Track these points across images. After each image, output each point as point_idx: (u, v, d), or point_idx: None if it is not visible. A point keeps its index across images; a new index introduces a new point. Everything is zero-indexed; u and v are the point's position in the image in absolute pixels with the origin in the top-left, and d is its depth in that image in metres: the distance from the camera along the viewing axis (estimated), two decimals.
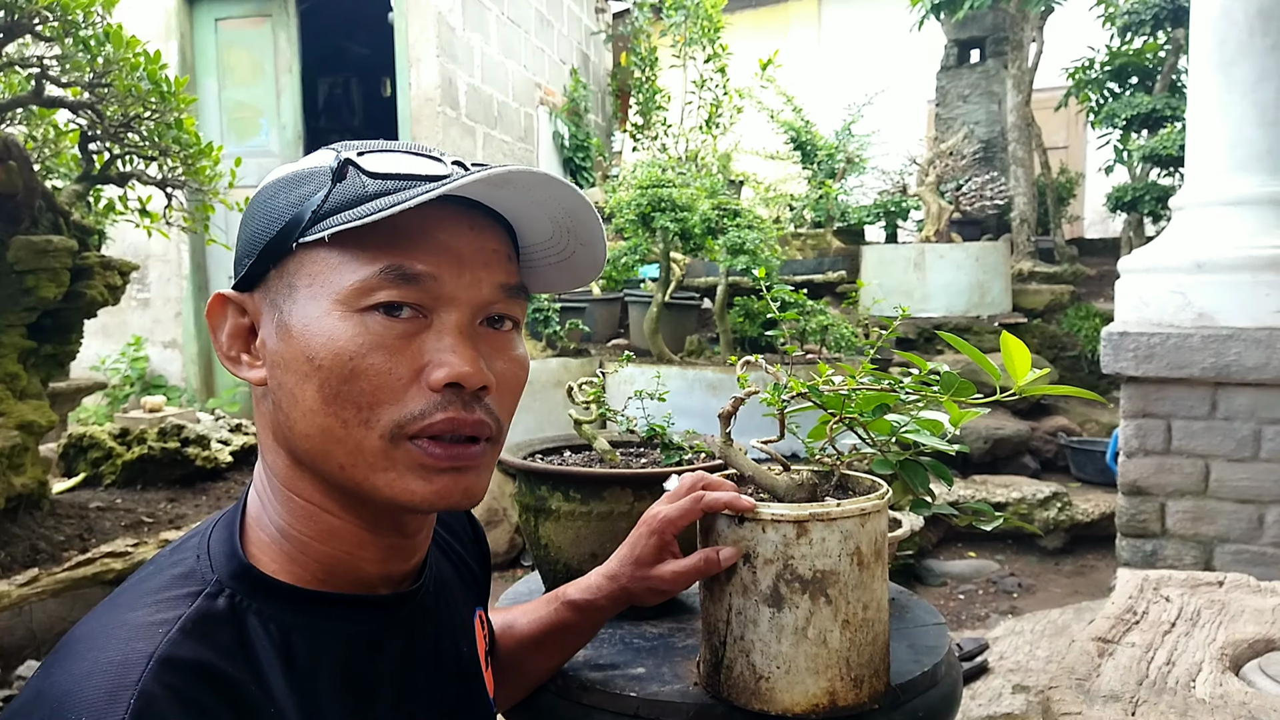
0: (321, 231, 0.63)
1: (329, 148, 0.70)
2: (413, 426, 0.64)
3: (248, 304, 0.69)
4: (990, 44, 7.30)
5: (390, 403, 0.64)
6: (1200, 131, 3.02)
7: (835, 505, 0.85)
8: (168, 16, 5.62)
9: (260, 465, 0.72)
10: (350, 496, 0.68)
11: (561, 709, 0.96)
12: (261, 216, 0.67)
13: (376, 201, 0.63)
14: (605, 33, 8.81)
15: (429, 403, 0.65)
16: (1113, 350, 2.90)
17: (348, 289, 0.64)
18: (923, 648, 1.02)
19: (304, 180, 0.67)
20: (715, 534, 0.89)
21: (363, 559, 0.70)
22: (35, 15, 2.46)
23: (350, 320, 0.64)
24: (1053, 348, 5.62)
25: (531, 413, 4.19)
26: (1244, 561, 2.75)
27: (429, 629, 0.77)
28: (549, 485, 1.16)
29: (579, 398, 1.29)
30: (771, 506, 0.86)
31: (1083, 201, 9.13)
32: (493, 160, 6.31)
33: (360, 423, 0.64)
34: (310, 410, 0.64)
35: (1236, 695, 1.20)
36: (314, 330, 0.64)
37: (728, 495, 0.86)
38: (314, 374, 0.64)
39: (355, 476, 0.65)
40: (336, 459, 0.65)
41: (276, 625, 0.64)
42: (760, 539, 0.85)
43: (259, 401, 0.70)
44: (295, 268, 0.66)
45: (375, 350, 0.64)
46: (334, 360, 0.63)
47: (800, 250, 6.31)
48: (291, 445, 0.67)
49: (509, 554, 4.12)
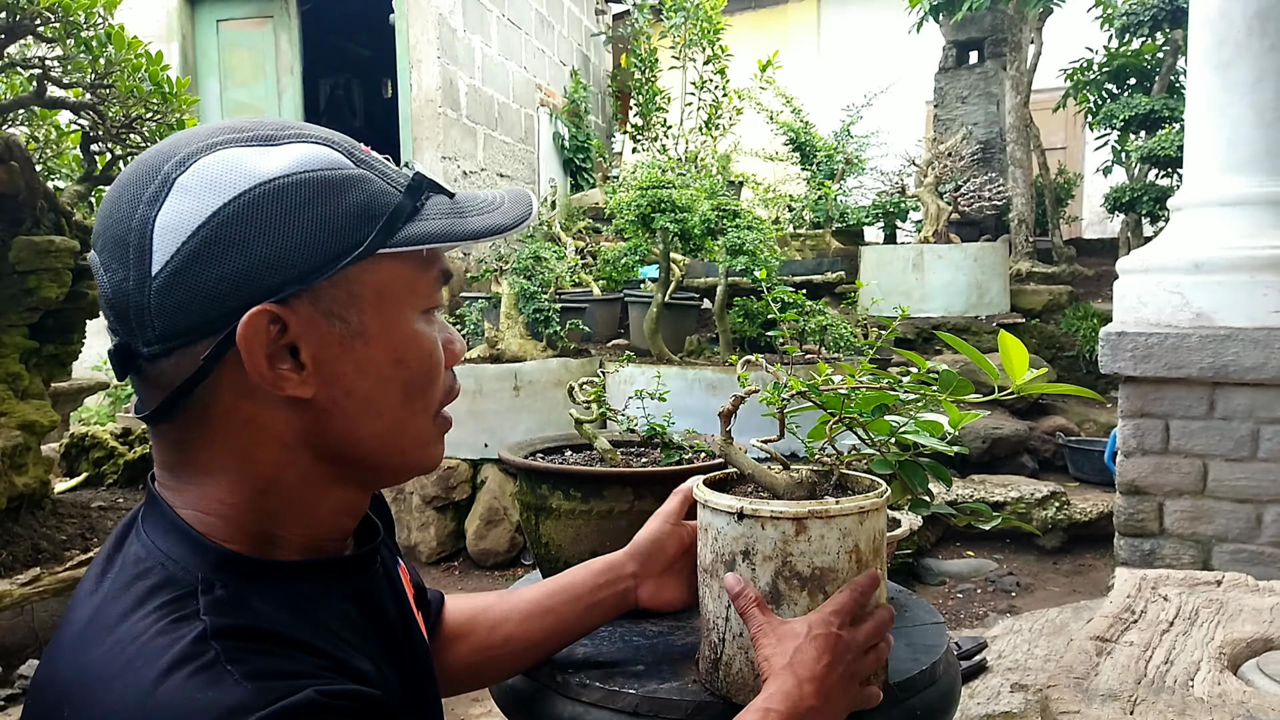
0: (430, 243, 0.66)
1: (318, 143, 0.66)
2: (446, 400, 0.74)
3: (290, 318, 0.63)
4: (989, 45, 7.31)
5: (439, 386, 0.72)
6: (1198, 132, 3.03)
7: (834, 503, 0.86)
8: (169, 18, 5.63)
9: (211, 489, 0.66)
10: (370, 478, 0.72)
11: (561, 706, 0.96)
12: (305, 226, 0.62)
13: (483, 218, 0.70)
14: (605, 34, 8.82)
15: (448, 378, 0.74)
16: (1111, 350, 2.91)
17: (420, 294, 0.69)
18: (921, 646, 1.02)
19: (347, 186, 0.65)
20: (714, 531, 0.90)
21: (338, 530, 0.73)
22: (37, 16, 2.47)
23: (424, 323, 0.70)
24: (1051, 348, 5.63)
25: (532, 413, 4.20)
26: (1242, 561, 2.76)
27: (384, 578, 0.79)
28: (549, 484, 1.16)
29: (580, 398, 1.29)
30: (770, 503, 0.87)
31: (1081, 202, 9.14)
32: (493, 160, 6.32)
33: (424, 410, 0.71)
34: (390, 408, 0.68)
35: (1234, 694, 1.21)
36: (399, 336, 0.68)
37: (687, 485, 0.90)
38: (398, 375, 0.68)
39: (411, 459, 0.72)
40: (401, 446, 0.70)
41: (279, 592, 0.64)
42: (759, 536, 0.86)
43: (261, 418, 0.65)
44: (359, 276, 0.65)
45: (437, 345, 0.71)
46: (421, 361, 0.69)
47: (799, 251, 6.32)
48: (341, 447, 0.68)
49: (509, 553, 4.13)
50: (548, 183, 7.15)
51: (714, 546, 0.90)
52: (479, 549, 4.13)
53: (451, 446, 4.25)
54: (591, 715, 0.94)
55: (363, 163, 0.67)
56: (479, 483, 4.28)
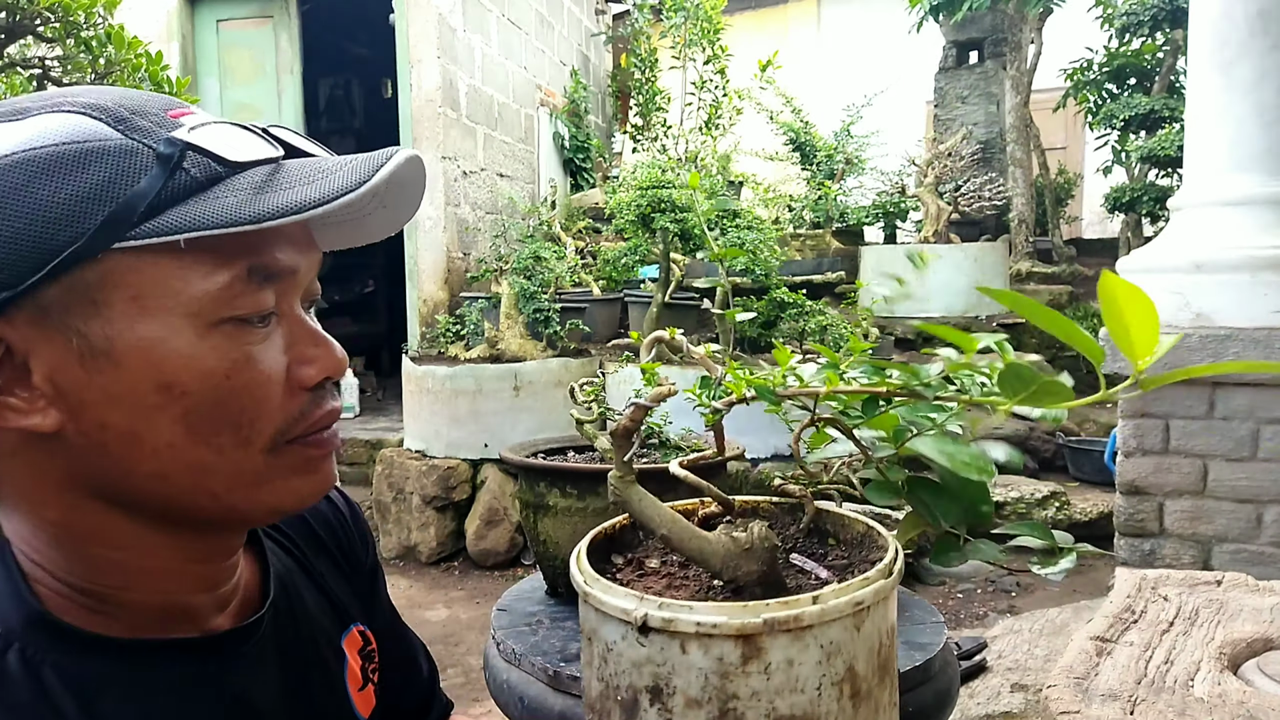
0: (190, 232, 0.50)
1: (76, 111, 0.52)
2: (296, 430, 0.57)
3: (7, 331, 0.51)
4: (989, 45, 7.31)
5: (268, 415, 0.56)
6: (1199, 132, 3.03)
7: (809, 601, 0.52)
8: (169, 17, 5.63)
9: (20, 525, 0.57)
10: (195, 526, 0.58)
11: (553, 700, 0.97)
12: (18, 215, 0.49)
13: (268, 197, 0.51)
14: (605, 34, 8.81)
15: (306, 402, 0.58)
16: (1111, 350, 2.90)
17: (202, 298, 0.52)
18: (917, 644, 1.02)
19: (86, 163, 0.50)
20: (601, 646, 0.56)
21: (185, 591, 0.60)
22: (37, 16, 2.47)
23: (212, 335, 0.53)
24: (1051, 348, 5.62)
25: (532, 413, 4.20)
26: (1242, 561, 2.76)
27: (277, 659, 0.65)
28: (547, 481, 1.17)
29: (580, 398, 1.29)
30: (696, 607, 0.52)
31: (1081, 202, 9.14)
32: (493, 160, 6.32)
33: (239, 444, 0.55)
34: (168, 445, 0.53)
35: (1234, 694, 1.21)
36: (163, 353, 0.52)
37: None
38: (172, 404, 0.52)
39: (232, 501, 0.56)
40: (209, 490, 0.55)
41: (79, 679, 0.53)
42: (678, 664, 0.51)
43: (21, 452, 0.54)
44: (100, 278, 0.51)
45: (248, 364, 0.54)
46: (202, 384, 0.53)
47: (799, 251, 6.32)
48: (119, 492, 0.55)
49: (509, 553, 4.13)
50: (548, 183, 7.15)
51: (602, 672, 0.56)
52: (479, 549, 4.13)
53: (451, 447, 4.27)
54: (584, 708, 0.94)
55: (139, 131, 0.52)
56: (479, 483, 4.28)
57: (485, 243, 5.98)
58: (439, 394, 4.26)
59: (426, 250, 5.62)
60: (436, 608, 3.69)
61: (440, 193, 5.56)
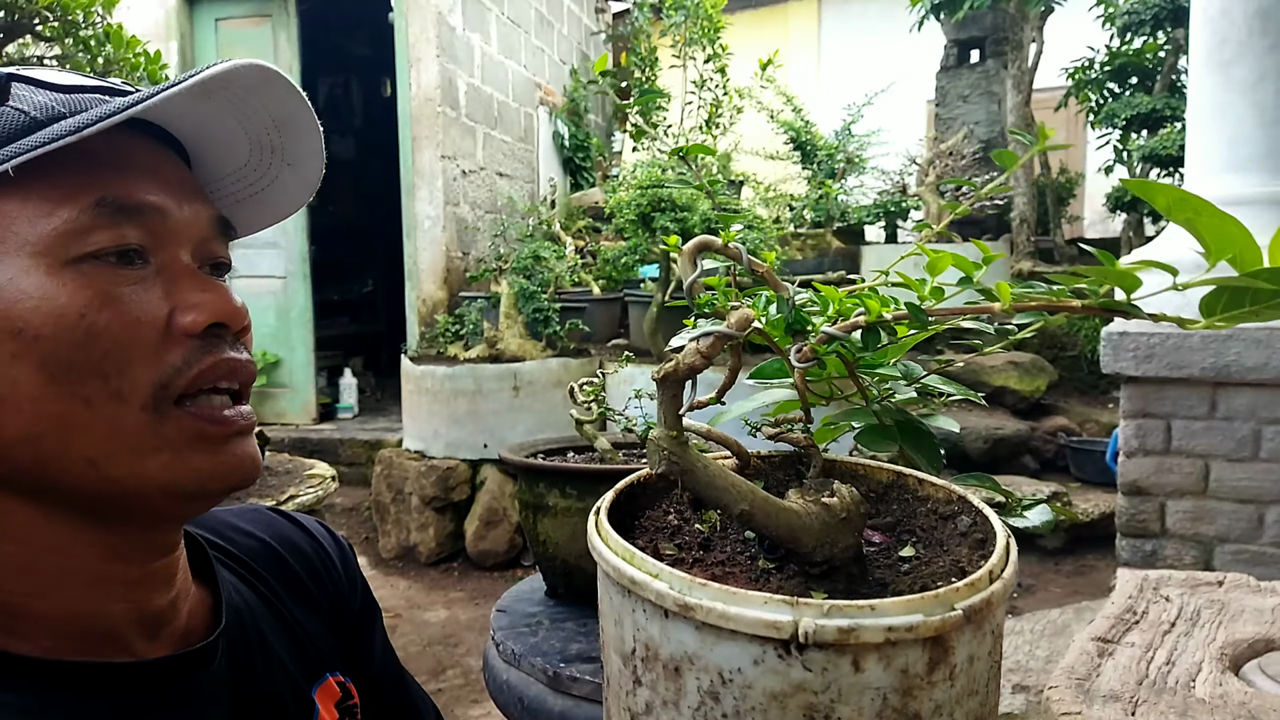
0: (12, 160, 0.47)
1: None
2: (179, 382, 0.51)
3: None
4: (990, 44, 7.30)
5: (143, 360, 0.50)
6: (1199, 131, 3.02)
7: (987, 580, 0.43)
8: (168, 16, 5.62)
9: None
10: (93, 508, 0.51)
11: (553, 701, 0.96)
12: None
13: (70, 120, 0.48)
14: (605, 33, 8.81)
15: (190, 350, 0.52)
16: (1112, 350, 2.90)
17: (49, 236, 0.49)
18: None
19: None
20: (713, 690, 0.42)
21: (106, 600, 0.53)
22: (35, 15, 2.46)
23: (65, 273, 0.49)
24: (1052, 347, 5.62)
25: (532, 413, 4.19)
26: (1244, 561, 2.75)
27: (230, 703, 0.57)
28: (546, 482, 1.16)
29: (580, 398, 1.29)
30: (879, 607, 0.40)
31: (1082, 201, 9.13)
32: (493, 159, 6.31)
33: (110, 395, 0.49)
34: (30, 399, 0.48)
35: (1236, 695, 1.20)
36: (11, 295, 0.48)
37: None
38: (27, 351, 0.48)
39: (115, 470, 0.50)
40: (83, 452, 0.49)
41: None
42: (845, 689, 0.40)
43: None
44: None
45: (107, 302, 0.50)
46: (58, 324, 0.48)
47: (800, 250, 6.31)
48: None
49: (509, 554, 4.13)
50: (547, 182, 7.15)
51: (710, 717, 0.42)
52: (478, 550, 4.12)
53: (451, 447, 4.27)
54: (582, 709, 0.94)
55: None
56: (478, 483, 4.27)
57: (484, 242, 5.97)
58: (438, 394, 4.25)
59: (425, 250, 5.61)
60: (436, 609, 3.68)
61: (440, 192, 5.55)
